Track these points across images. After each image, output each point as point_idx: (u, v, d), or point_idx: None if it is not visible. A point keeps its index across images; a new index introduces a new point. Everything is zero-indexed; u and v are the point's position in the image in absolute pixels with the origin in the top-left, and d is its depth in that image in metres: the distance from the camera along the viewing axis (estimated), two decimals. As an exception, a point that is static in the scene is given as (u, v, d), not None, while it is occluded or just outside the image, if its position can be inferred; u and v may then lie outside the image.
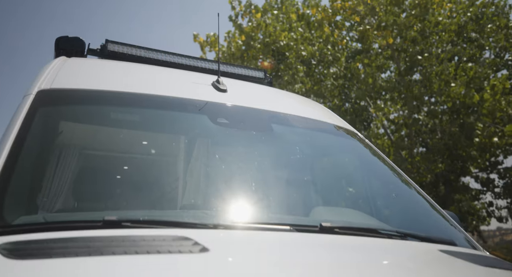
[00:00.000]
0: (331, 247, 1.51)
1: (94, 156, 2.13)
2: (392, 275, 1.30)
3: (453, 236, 1.94)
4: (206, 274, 1.10)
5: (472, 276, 1.42)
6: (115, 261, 1.09)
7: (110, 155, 2.12)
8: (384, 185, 2.44)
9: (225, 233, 1.45)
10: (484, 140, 10.12)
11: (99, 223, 1.33)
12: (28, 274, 1.00)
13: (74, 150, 1.88)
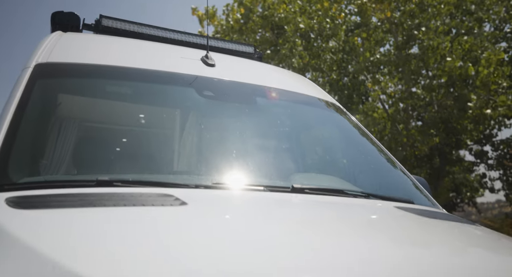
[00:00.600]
0: (299, 203, 1.72)
1: (89, 125, 2.31)
2: (347, 225, 1.51)
3: (412, 196, 2.14)
4: (182, 221, 1.31)
5: (415, 226, 1.64)
6: (105, 211, 1.30)
7: (103, 125, 2.31)
8: (359, 153, 2.64)
9: (203, 192, 1.65)
10: (477, 111, 10.27)
11: (93, 183, 1.53)
12: (30, 220, 1.21)
13: (70, 119, 2.08)
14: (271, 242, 1.21)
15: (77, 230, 1.15)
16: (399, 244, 1.35)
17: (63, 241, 1.08)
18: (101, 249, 1.04)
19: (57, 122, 2.00)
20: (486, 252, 1.48)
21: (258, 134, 2.35)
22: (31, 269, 0.96)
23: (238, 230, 1.29)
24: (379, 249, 1.26)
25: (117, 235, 1.14)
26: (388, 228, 1.58)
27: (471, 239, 1.63)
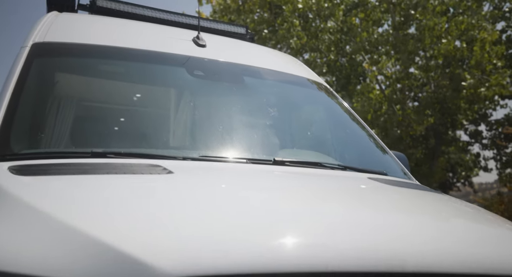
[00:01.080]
0: (279, 174, 1.87)
1: (84, 102, 2.44)
2: (319, 192, 1.66)
3: (386, 168, 2.29)
4: (167, 186, 1.46)
5: (379, 192, 1.79)
6: (98, 177, 1.45)
7: (98, 102, 2.44)
8: (341, 130, 2.78)
9: (190, 163, 1.79)
10: (471, 90, 10.37)
11: (88, 154, 1.67)
12: (31, 184, 1.35)
13: (66, 96, 2.21)
14: (247, 203, 1.36)
15: (73, 192, 1.30)
16: (359, 206, 1.51)
17: (61, 201, 1.23)
18: (94, 208, 1.20)
19: (54, 98, 2.13)
20: (431, 213, 1.64)
21: (244, 112, 2.48)
22: (34, 224, 1.12)
23: (219, 193, 1.44)
24: (340, 210, 1.42)
25: (109, 196, 1.29)
26: (355, 194, 1.73)
27: (425, 202, 1.79)
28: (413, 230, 1.31)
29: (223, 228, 1.15)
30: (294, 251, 1.09)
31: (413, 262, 1.13)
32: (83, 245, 1.01)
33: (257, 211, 1.29)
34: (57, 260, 0.99)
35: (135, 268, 0.97)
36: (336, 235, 1.18)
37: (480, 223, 1.66)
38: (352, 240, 1.17)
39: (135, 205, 1.23)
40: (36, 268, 0.98)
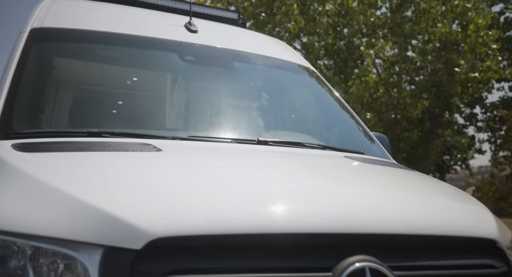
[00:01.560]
0: (260, 152, 2.03)
1: (81, 85, 2.58)
2: (295, 167, 1.83)
3: (364, 148, 2.45)
4: (155, 161, 1.62)
5: (352, 168, 1.96)
6: (93, 154, 1.61)
7: (94, 85, 2.58)
8: (326, 113, 2.94)
9: (178, 142, 1.95)
10: (464, 76, 10.46)
11: (84, 134, 1.83)
12: (33, 159, 1.52)
13: (63, 79, 2.35)
14: (226, 175, 1.53)
15: (69, 166, 1.47)
16: (329, 180, 1.69)
17: (58, 173, 1.40)
18: (88, 179, 1.37)
19: (52, 82, 2.28)
20: (392, 185, 1.82)
21: (232, 96, 2.63)
22: (34, 192, 1.28)
23: (202, 167, 1.61)
24: (310, 183, 1.59)
25: (101, 169, 1.46)
26: (329, 170, 1.90)
27: (390, 176, 1.96)
28: (369, 198, 1.49)
29: (203, 195, 1.32)
30: (263, 215, 1.27)
31: (365, 223, 1.30)
32: (78, 210, 1.18)
33: (235, 182, 1.46)
34: (54, 222, 1.16)
35: (123, 228, 1.14)
36: (301, 203, 1.36)
37: (435, 194, 1.84)
38: (314, 206, 1.35)
39: (125, 176, 1.40)
40: (36, 228, 1.16)
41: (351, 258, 1.23)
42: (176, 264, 1.12)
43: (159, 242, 1.12)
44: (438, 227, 1.43)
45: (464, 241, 1.46)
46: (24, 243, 1.13)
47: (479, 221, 1.58)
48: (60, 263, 1.12)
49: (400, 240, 1.35)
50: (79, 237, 1.13)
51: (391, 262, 1.27)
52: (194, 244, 1.17)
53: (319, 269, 1.22)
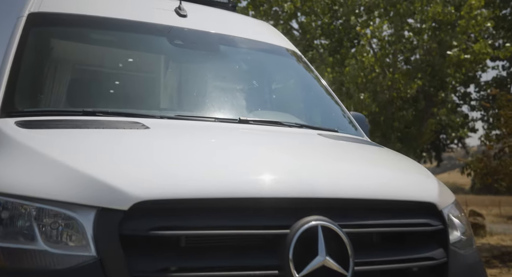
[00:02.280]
0: (241, 130, 2.24)
1: (78, 67, 2.76)
2: (271, 143, 2.05)
3: (339, 127, 2.66)
4: (143, 137, 1.84)
5: (321, 143, 2.18)
6: (88, 131, 1.83)
7: (89, 67, 2.77)
8: (307, 95, 3.14)
9: (166, 121, 2.16)
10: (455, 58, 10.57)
11: (80, 113, 2.04)
12: (35, 135, 1.73)
13: (61, 62, 2.54)
14: (205, 149, 1.76)
15: (66, 140, 1.69)
16: (295, 153, 1.91)
17: (56, 146, 1.62)
18: (81, 151, 1.59)
19: (50, 64, 2.47)
20: (354, 157, 2.05)
21: (217, 78, 2.83)
22: (35, 162, 1.50)
23: (185, 141, 1.84)
24: (279, 155, 1.82)
25: (93, 143, 1.69)
26: (298, 145, 2.12)
27: (355, 151, 2.19)
28: (325, 168, 1.72)
29: (182, 165, 1.55)
30: (233, 182, 1.49)
31: (319, 189, 1.53)
32: (74, 177, 1.41)
33: (211, 155, 1.69)
34: (55, 187, 1.39)
35: (113, 193, 1.36)
36: (266, 172, 1.59)
37: (388, 165, 2.08)
38: (277, 175, 1.58)
39: (115, 149, 1.63)
40: (39, 192, 1.38)
41: (306, 218, 1.46)
42: (157, 222, 1.35)
43: (143, 204, 1.35)
44: (384, 192, 1.66)
45: (407, 204, 1.70)
46: (29, 205, 1.36)
47: (422, 187, 1.82)
48: (61, 222, 1.35)
49: (350, 204, 1.59)
50: (76, 200, 1.36)
51: (341, 222, 1.50)
52: (174, 206, 1.40)
53: (279, 227, 1.46)
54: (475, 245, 1.97)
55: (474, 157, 9.39)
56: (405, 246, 1.66)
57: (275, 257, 1.42)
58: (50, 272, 1.26)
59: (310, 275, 1.41)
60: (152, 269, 1.30)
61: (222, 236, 1.44)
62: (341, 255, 1.45)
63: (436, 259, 1.64)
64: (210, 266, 1.37)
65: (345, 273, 1.43)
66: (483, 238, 13.76)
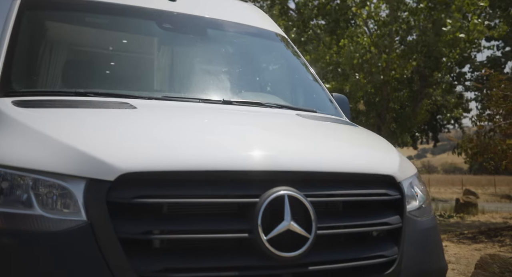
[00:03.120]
0: (224, 110, 2.40)
1: (71, 49, 2.89)
2: (249, 121, 2.22)
3: (319, 107, 2.82)
4: (129, 115, 2.00)
5: (296, 122, 2.35)
6: (78, 110, 1.99)
7: (82, 48, 2.91)
8: (291, 77, 3.29)
9: (153, 101, 2.31)
10: (450, 36, 10.62)
11: (72, 93, 2.20)
12: (30, 113, 1.88)
13: (56, 44, 2.68)
14: (186, 126, 1.93)
15: (58, 118, 1.86)
16: (270, 131, 2.09)
17: (49, 123, 1.78)
18: (72, 127, 1.76)
19: (44, 46, 2.60)
20: (325, 135, 2.22)
21: (203, 61, 2.97)
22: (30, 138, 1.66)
23: (169, 119, 2.01)
24: (253, 132, 2.00)
25: (83, 120, 1.86)
26: (275, 123, 2.29)
27: (328, 129, 2.36)
28: (294, 144, 1.91)
29: (164, 140, 1.72)
30: (208, 156, 1.67)
31: (287, 163, 1.71)
32: (67, 151, 1.58)
33: (191, 132, 1.87)
34: (50, 160, 1.56)
35: (101, 165, 1.54)
36: (240, 147, 1.76)
37: (355, 141, 2.26)
38: (249, 150, 1.75)
39: (104, 126, 1.80)
40: (36, 164, 1.56)
41: (274, 188, 1.64)
42: (140, 192, 1.53)
43: (128, 175, 1.53)
44: (346, 166, 1.85)
45: (368, 176, 1.89)
46: (26, 175, 1.53)
47: (382, 162, 2.01)
48: (55, 191, 1.53)
49: (314, 176, 1.77)
50: (68, 171, 1.53)
51: (306, 192, 1.68)
52: (155, 177, 1.58)
53: (250, 196, 1.64)
54: (432, 213, 2.17)
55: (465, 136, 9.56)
56: (365, 214, 1.85)
57: (246, 222, 1.60)
58: (46, 234, 1.45)
59: (276, 238, 1.59)
60: (136, 231, 1.49)
61: (200, 204, 1.62)
62: (305, 221, 1.64)
63: (392, 224, 1.84)
64: (189, 229, 1.56)
65: (307, 236, 1.62)
66: (474, 216, 14.15)
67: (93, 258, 1.44)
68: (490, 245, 7.68)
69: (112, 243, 1.45)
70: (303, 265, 1.63)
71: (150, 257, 1.52)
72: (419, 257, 1.89)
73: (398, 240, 1.85)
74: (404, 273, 1.81)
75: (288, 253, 1.59)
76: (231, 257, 1.59)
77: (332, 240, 1.78)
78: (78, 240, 1.45)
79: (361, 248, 1.80)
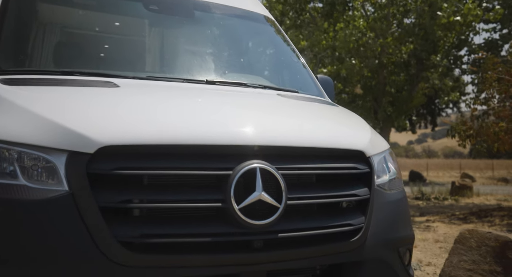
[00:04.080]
0: (207, 90, 2.49)
1: (59, 29, 2.96)
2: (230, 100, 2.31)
3: (301, 88, 2.90)
4: (111, 93, 2.08)
5: (274, 101, 2.44)
6: (63, 87, 2.08)
7: (70, 29, 2.98)
8: (276, 58, 3.37)
9: (137, 81, 2.39)
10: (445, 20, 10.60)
11: (59, 73, 2.28)
12: (17, 91, 1.96)
13: (44, 24, 2.75)
14: (165, 104, 2.03)
15: (44, 95, 1.94)
16: (247, 109, 2.18)
17: (35, 100, 1.86)
18: (56, 104, 1.85)
19: (33, 26, 2.67)
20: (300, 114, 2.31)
21: (189, 42, 3.04)
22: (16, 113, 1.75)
23: (150, 97, 2.10)
24: (229, 109, 2.10)
25: (67, 98, 1.95)
26: (253, 103, 2.38)
27: (306, 108, 2.45)
28: (268, 121, 2.01)
29: (142, 116, 1.82)
30: (184, 131, 1.76)
31: (260, 138, 1.81)
32: (50, 125, 1.68)
33: (169, 109, 1.96)
34: (33, 134, 1.66)
35: (82, 138, 1.63)
36: (215, 123, 1.86)
37: (330, 120, 2.36)
38: (224, 126, 1.85)
39: (86, 103, 1.90)
40: (20, 138, 1.65)
41: (247, 161, 1.74)
42: (118, 164, 1.63)
43: (107, 148, 1.63)
44: (317, 141, 1.95)
45: (338, 151, 1.99)
46: (12, 149, 1.64)
47: (353, 138, 2.11)
48: (38, 163, 1.63)
49: (286, 150, 1.87)
50: (51, 145, 1.63)
51: (278, 165, 1.78)
52: (133, 150, 1.68)
53: (224, 168, 1.74)
54: (402, 186, 2.28)
55: (459, 119, 9.64)
56: (334, 186, 1.96)
57: (220, 192, 1.71)
58: (29, 202, 1.55)
59: (248, 207, 1.70)
60: (114, 200, 1.60)
61: (176, 175, 1.73)
62: (276, 192, 1.75)
63: (360, 196, 1.95)
64: (166, 199, 1.67)
65: (278, 205, 1.73)
66: (469, 198, 14.34)
67: (74, 225, 1.55)
68: (479, 225, 7.85)
69: (92, 211, 1.56)
70: (273, 232, 1.75)
71: (129, 224, 1.63)
72: (386, 226, 2.01)
73: (365, 210, 1.96)
74: (370, 240, 1.93)
75: (258, 221, 1.70)
76: (205, 225, 1.70)
77: (302, 210, 1.90)
78: (60, 208, 1.56)
79: (330, 217, 1.91)
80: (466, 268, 3.51)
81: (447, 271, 3.65)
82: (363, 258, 1.93)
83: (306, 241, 1.83)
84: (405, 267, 2.11)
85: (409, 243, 2.19)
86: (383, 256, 2.00)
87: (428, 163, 35.88)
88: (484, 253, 3.47)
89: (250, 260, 1.73)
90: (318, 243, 1.85)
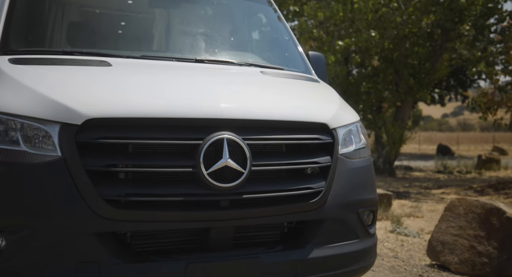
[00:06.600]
0: (196, 68, 2.72)
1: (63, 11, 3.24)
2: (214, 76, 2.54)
3: (287, 65, 3.08)
4: (103, 71, 2.34)
5: (254, 77, 2.65)
6: (62, 67, 2.36)
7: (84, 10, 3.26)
8: (267, 37, 3.55)
9: (130, 60, 2.63)
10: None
11: (60, 52, 2.57)
12: (24, 69, 2.24)
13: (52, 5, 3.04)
14: (152, 80, 2.28)
15: (44, 73, 2.24)
16: (225, 85, 2.43)
17: (36, 77, 2.16)
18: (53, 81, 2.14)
19: (40, 10, 2.96)
20: (277, 89, 2.52)
21: (183, 23, 3.27)
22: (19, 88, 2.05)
23: (140, 75, 2.36)
24: (209, 86, 2.34)
25: (64, 75, 2.24)
26: (234, 80, 2.60)
27: (286, 85, 2.66)
28: (240, 96, 2.25)
29: (128, 91, 2.09)
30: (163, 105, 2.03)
31: (229, 112, 2.05)
32: (46, 100, 1.97)
33: (154, 85, 2.22)
34: (33, 108, 1.95)
35: (72, 112, 1.92)
36: (189, 97, 2.10)
37: (302, 95, 2.56)
38: (198, 100, 2.09)
39: (79, 80, 2.19)
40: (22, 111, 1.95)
41: (216, 132, 1.99)
42: (103, 133, 1.92)
43: (93, 120, 1.91)
44: (283, 114, 2.18)
45: (302, 124, 2.22)
46: (15, 120, 1.94)
47: (318, 111, 2.32)
48: (36, 132, 1.93)
49: (252, 123, 2.10)
50: (47, 117, 1.93)
51: (244, 136, 2.02)
52: (116, 122, 1.95)
53: (195, 138, 2.00)
54: (368, 155, 2.47)
55: (479, 91, 9.44)
56: (298, 154, 2.18)
57: (192, 159, 1.97)
58: (29, 165, 1.86)
59: (216, 172, 1.96)
60: (99, 165, 1.89)
61: (153, 144, 2.00)
62: (242, 160, 1.99)
63: (321, 163, 2.17)
64: (146, 163, 1.95)
65: (242, 171, 1.98)
66: (495, 172, 14.10)
67: (66, 185, 1.86)
68: (495, 197, 7.84)
69: (81, 174, 1.86)
70: (238, 194, 2.01)
71: (113, 185, 1.93)
72: (346, 189, 2.23)
73: (326, 176, 2.18)
74: (329, 202, 2.16)
75: (225, 184, 1.97)
76: (179, 187, 1.98)
77: (267, 175, 2.14)
78: (54, 170, 1.87)
79: (292, 181, 2.15)
80: (453, 233, 3.67)
81: (436, 236, 3.83)
82: (323, 217, 2.17)
83: (268, 202, 2.08)
84: (364, 226, 2.33)
85: (371, 205, 2.40)
86: (342, 215, 2.23)
87: (459, 136, 34.90)
88: (470, 220, 3.62)
89: (218, 216, 2.01)
90: (279, 204, 2.09)
